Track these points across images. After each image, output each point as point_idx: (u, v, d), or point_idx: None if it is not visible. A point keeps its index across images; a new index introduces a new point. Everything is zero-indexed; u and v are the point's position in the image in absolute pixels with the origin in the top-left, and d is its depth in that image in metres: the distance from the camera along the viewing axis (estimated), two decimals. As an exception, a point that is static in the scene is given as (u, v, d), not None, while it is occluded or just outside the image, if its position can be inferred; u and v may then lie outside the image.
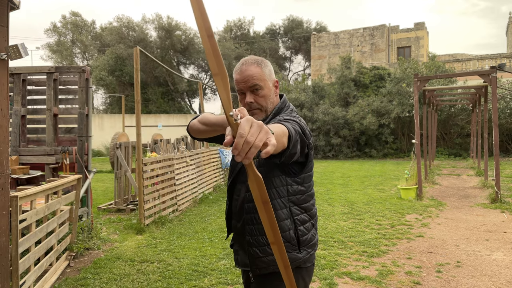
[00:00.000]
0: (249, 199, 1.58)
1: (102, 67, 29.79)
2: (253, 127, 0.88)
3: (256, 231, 1.57)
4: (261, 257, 1.56)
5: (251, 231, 1.58)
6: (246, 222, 1.59)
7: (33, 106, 5.65)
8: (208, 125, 1.50)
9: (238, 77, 1.60)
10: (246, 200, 1.59)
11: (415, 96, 8.37)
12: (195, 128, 1.60)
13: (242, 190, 1.63)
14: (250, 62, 1.61)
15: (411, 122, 18.10)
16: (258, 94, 1.58)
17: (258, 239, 1.57)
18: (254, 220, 1.58)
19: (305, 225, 1.63)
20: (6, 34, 2.61)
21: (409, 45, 28.76)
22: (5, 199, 2.57)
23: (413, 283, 3.65)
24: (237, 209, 1.64)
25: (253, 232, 1.58)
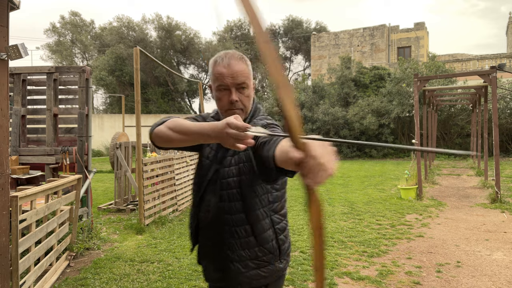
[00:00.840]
0: (228, 211, 1.42)
1: (102, 67, 29.79)
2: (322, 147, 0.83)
3: (238, 246, 1.43)
4: (244, 273, 1.44)
5: (232, 245, 1.43)
6: (226, 236, 1.43)
7: (33, 106, 5.65)
8: (187, 134, 1.29)
9: (223, 70, 1.40)
10: (225, 212, 1.43)
11: (415, 96, 8.37)
12: (163, 137, 1.36)
13: (213, 201, 1.46)
14: (237, 57, 1.44)
15: (411, 122, 18.10)
16: (244, 93, 1.43)
17: (240, 254, 1.43)
18: (235, 234, 1.43)
19: (284, 233, 1.53)
20: (6, 34, 2.61)
21: (409, 45, 28.76)
22: (5, 199, 2.57)
23: (413, 283, 3.65)
24: (210, 222, 1.47)
25: (235, 246, 1.43)
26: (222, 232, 1.44)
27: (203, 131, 1.23)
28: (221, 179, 1.44)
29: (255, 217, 1.43)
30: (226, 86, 1.41)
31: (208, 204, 1.48)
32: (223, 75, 1.40)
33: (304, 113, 19.20)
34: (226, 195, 1.43)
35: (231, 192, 1.42)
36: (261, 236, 1.44)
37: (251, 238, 1.42)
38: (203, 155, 1.53)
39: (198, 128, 1.26)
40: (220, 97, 1.43)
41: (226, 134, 1.13)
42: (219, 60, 1.43)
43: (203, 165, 1.52)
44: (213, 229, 1.47)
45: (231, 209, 1.42)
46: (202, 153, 1.54)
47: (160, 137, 1.37)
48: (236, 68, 1.41)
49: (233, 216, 1.42)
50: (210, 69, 1.46)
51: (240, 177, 1.42)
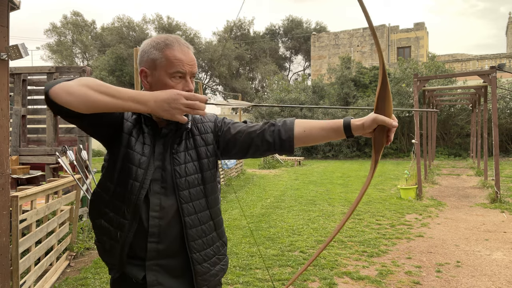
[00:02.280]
0: (192, 210, 1.30)
1: (103, 67, 29.81)
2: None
3: (205, 244, 1.34)
4: (211, 270, 1.36)
5: (199, 246, 1.32)
6: (192, 239, 1.30)
7: (34, 106, 5.66)
8: (116, 97, 1.11)
9: (182, 56, 1.26)
10: (189, 212, 1.29)
11: (415, 96, 8.38)
12: (80, 96, 1.09)
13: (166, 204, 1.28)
14: (189, 45, 1.33)
15: (411, 122, 18.11)
16: (192, 83, 1.31)
17: (207, 252, 1.34)
18: (202, 232, 1.32)
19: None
20: (6, 34, 2.62)
21: (409, 45, 28.79)
22: (5, 199, 2.57)
23: (413, 283, 3.65)
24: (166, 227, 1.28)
25: (202, 246, 1.33)
26: (184, 236, 1.30)
27: (138, 97, 1.12)
28: (178, 178, 1.29)
29: (216, 212, 1.39)
30: (183, 72, 1.26)
31: (156, 209, 1.27)
32: (182, 62, 1.26)
33: (304, 113, 19.21)
34: (189, 195, 1.30)
35: (196, 190, 1.32)
36: (220, 229, 1.41)
37: (213, 234, 1.37)
38: (135, 150, 1.29)
39: (132, 93, 1.13)
40: (173, 86, 1.24)
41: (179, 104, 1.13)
42: (172, 44, 1.27)
43: (140, 162, 1.28)
44: (166, 235, 1.28)
45: (197, 208, 1.32)
46: (131, 147, 1.29)
47: (72, 95, 1.08)
48: (192, 56, 1.30)
49: (199, 214, 1.32)
50: (156, 51, 1.26)
51: (203, 173, 1.33)
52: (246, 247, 4.74)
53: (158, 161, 1.30)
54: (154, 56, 1.26)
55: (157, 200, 1.28)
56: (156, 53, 1.26)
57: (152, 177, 1.28)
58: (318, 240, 5.05)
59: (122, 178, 1.28)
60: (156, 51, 1.26)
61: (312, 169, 14.27)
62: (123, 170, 1.28)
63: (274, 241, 5.00)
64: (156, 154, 1.30)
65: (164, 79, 1.25)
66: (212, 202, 1.37)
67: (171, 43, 1.27)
